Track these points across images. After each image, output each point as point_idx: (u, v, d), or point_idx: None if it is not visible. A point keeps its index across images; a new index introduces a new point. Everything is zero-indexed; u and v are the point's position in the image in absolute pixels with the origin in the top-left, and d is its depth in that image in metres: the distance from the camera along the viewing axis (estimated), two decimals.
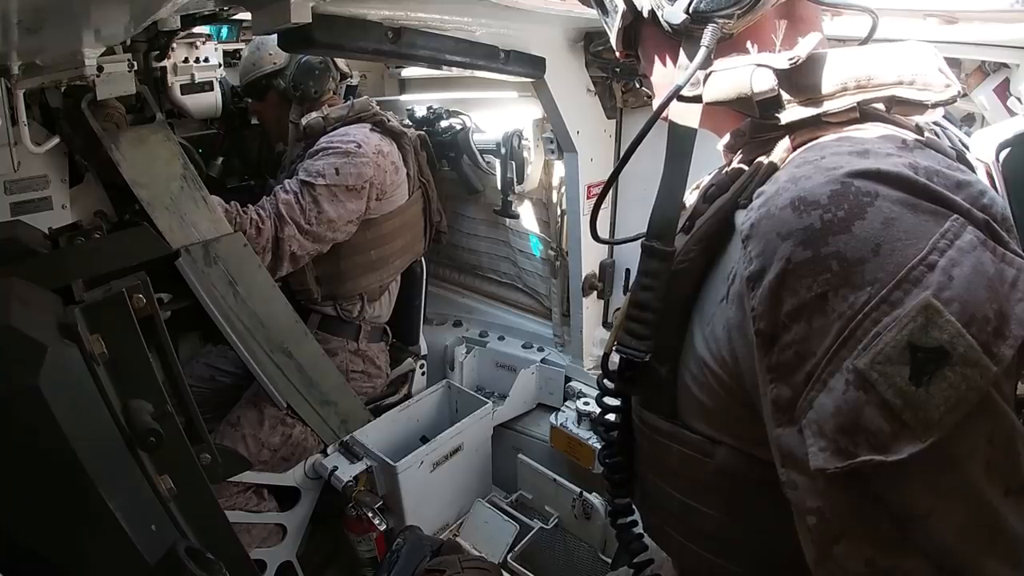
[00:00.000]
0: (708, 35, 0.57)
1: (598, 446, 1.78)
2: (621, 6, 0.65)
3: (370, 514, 1.81)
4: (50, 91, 1.73)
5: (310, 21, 1.10)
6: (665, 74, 0.67)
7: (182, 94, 2.04)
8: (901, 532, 0.44)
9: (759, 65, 0.56)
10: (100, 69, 1.55)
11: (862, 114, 0.56)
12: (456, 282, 2.74)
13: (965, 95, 1.18)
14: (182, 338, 2.30)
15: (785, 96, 0.57)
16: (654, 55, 0.68)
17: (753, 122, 0.61)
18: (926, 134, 0.55)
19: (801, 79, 0.56)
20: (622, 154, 0.81)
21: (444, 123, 2.26)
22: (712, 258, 0.60)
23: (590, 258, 2.04)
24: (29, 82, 1.52)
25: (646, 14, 0.62)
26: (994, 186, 0.61)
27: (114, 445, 0.61)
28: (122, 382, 0.66)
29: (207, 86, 2.09)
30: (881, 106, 0.56)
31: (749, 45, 0.59)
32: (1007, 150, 0.63)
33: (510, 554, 1.87)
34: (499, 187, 2.13)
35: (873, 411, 0.43)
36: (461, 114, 2.27)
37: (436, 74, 2.45)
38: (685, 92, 0.60)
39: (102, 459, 0.57)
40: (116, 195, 1.96)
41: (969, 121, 1.26)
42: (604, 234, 2.03)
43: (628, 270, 2.05)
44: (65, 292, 0.72)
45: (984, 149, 0.63)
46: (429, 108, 2.32)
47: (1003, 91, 1.16)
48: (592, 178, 1.92)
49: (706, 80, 0.60)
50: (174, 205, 1.63)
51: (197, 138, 2.24)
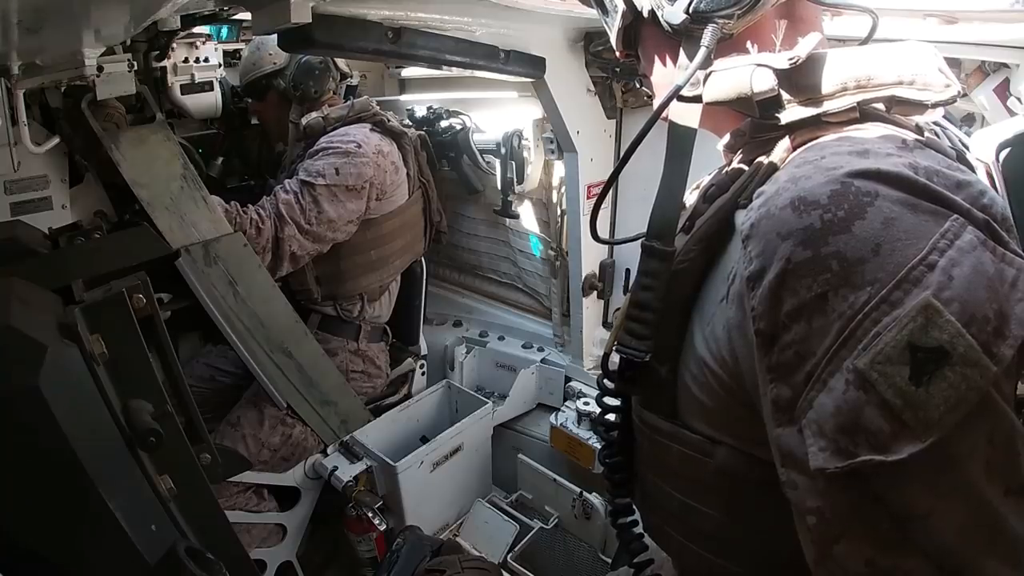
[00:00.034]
0: (708, 35, 0.57)
1: (598, 446, 1.78)
2: (621, 6, 0.65)
3: (370, 514, 1.80)
4: (50, 91, 1.73)
5: (310, 21, 1.10)
6: (665, 74, 0.67)
7: (182, 94, 2.04)
8: (901, 532, 0.44)
9: (759, 65, 0.56)
10: (100, 69, 1.55)
11: (862, 114, 0.56)
12: (456, 282, 2.74)
13: (965, 95, 1.18)
14: (182, 338, 2.30)
15: (785, 96, 0.57)
16: (654, 55, 0.68)
17: (753, 122, 0.61)
18: (926, 134, 0.55)
19: (801, 79, 0.56)
20: (622, 154, 0.81)
21: (444, 123, 2.26)
22: (712, 258, 0.60)
23: (590, 258, 2.04)
24: (29, 82, 1.51)
25: (646, 14, 0.62)
26: (994, 186, 0.61)
27: (114, 445, 0.61)
28: (122, 382, 0.66)
29: (207, 86, 2.08)
30: (881, 106, 0.56)
31: (749, 45, 0.59)
32: (1007, 150, 0.63)
33: (510, 554, 1.87)
34: (499, 187, 2.13)
35: (873, 411, 0.43)
36: (461, 114, 2.26)
37: (436, 74, 2.45)
38: (685, 92, 0.60)
39: (102, 459, 0.57)
40: (116, 195, 1.96)
41: (969, 121, 1.26)
42: (604, 234, 2.03)
43: (628, 270, 2.05)
44: (65, 292, 0.72)
45: (984, 149, 0.63)
46: (429, 108, 2.32)
47: (1003, 91, 1.16)
48: (592, 178, 1.92)
49: (706, 80, 0.60)
50: (174, 205, 1.63)
51: (197, 138, 2.24)
